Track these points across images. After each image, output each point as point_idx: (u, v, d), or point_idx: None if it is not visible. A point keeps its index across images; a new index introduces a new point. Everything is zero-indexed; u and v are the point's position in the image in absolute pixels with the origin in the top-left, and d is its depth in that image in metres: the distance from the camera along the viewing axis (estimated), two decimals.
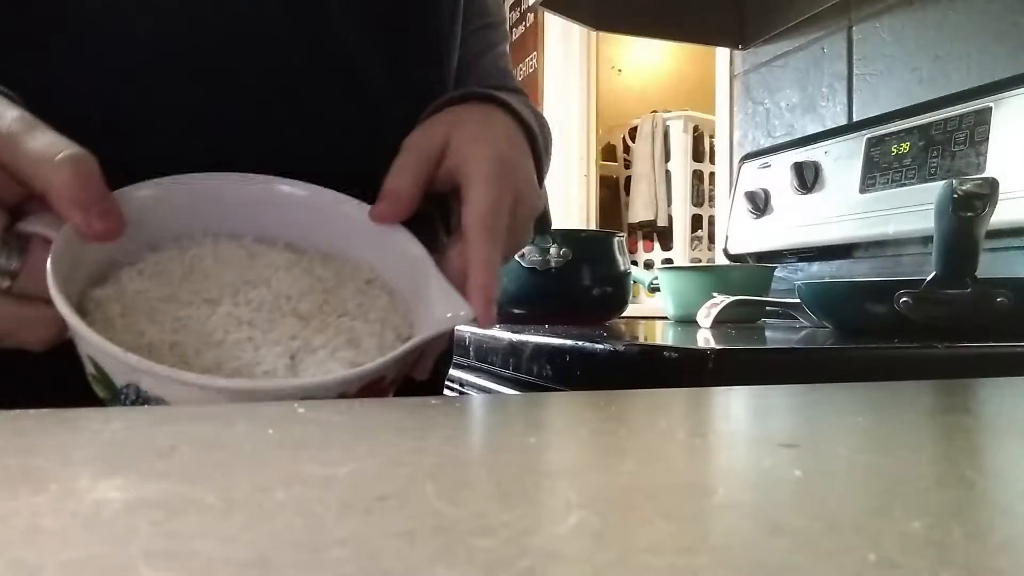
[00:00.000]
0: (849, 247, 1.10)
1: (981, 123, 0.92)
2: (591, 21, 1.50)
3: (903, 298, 0.63)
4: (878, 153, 1.07)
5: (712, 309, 0.87)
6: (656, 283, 1.20)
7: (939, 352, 0.55)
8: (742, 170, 1.34)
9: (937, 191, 0.63)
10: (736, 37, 1.45)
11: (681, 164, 2.27)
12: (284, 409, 0.26)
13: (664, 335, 0.79)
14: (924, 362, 0.55)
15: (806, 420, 0.27)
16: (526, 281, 0.98)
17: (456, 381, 0.92)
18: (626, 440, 0.23)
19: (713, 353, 0.50)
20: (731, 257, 1.34)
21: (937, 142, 0.98)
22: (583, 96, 2.46)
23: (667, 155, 2.31)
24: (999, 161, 0.89)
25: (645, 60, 2.82)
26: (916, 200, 0.98)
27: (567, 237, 1.00)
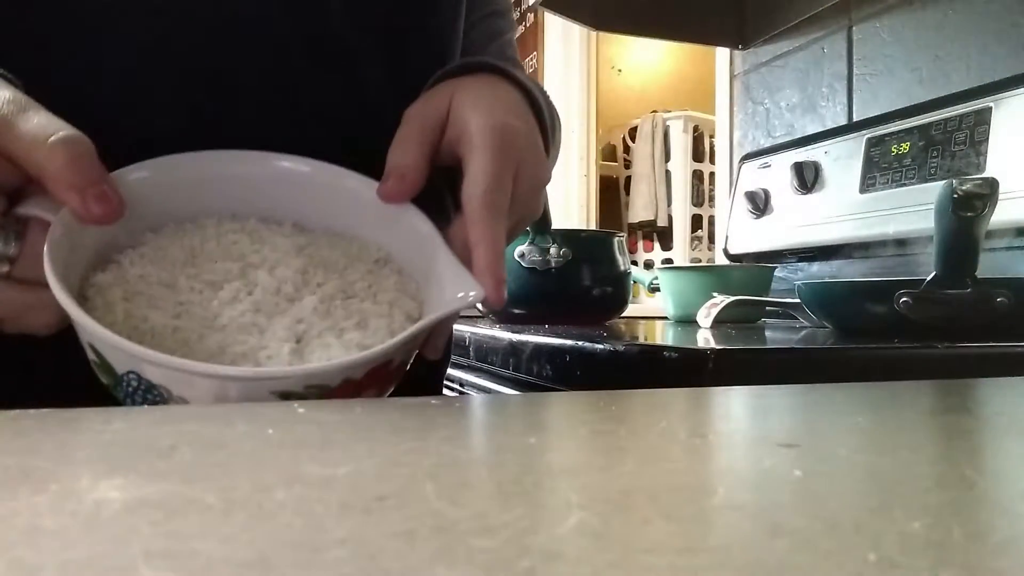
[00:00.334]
0: (849, 247, 1.10)
1: (981, 123, 0.92)
2: (591, 21, 1.50)
3: (903, 298, 0.63)
4: (878, 153, 1.06)
5: (712, 309, 0.87)
6: (656, 283, 1.20)
7: (939, 352, 0.54)
8: (742, 170, 1.34)
9: (937, 191, 0.63)
10: (736, 37, 1.45)
11: (681, 164, 2.27)
12: (284, 409, 0.26)
13: (664, 335, 0.79)
14: (924, 362, 0.55)
15: (806, 420, 0.27)
16: (526, 281, 0.98)
17: (456, 381, 0.92)
18: (626, 440, 0.23)
19: (713, 353, 0.50)
20: (731, 257, 1.34)
21: (937, 142, 0.98)
22: (583, 96, 2.46)
23: (667, 155, 2.31)
24: (999, 161, 0.89)
25: (645, 60, 2.82)
26: (916, 200, 0.98)
27: (567, 237, 1.00)
